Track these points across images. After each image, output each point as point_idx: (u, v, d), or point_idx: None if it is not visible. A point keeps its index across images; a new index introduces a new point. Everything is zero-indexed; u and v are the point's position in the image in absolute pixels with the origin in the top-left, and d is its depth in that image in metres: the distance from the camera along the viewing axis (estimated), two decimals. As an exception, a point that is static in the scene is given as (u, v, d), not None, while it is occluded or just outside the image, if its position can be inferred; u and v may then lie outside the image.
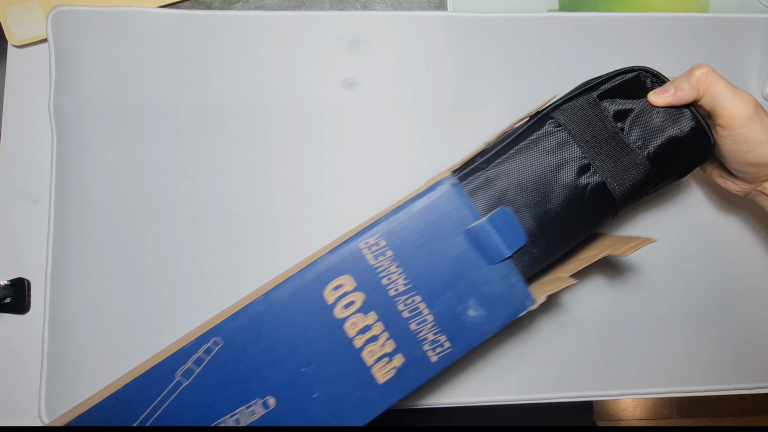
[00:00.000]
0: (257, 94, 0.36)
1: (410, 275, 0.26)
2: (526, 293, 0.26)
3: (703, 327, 0.36)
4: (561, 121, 0.28)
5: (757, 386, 0.36)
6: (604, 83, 0.29)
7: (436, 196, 0.26)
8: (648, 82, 0.29)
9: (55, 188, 0.34)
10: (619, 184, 0.28)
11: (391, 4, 0.38)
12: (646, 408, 1.01)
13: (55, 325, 0.33)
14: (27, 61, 0.36)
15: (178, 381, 0.25)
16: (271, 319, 0.25)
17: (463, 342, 0.26)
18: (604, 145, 0.28)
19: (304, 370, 0.25)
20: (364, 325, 0.26)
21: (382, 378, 0.26)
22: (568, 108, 0.29)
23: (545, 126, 0.28)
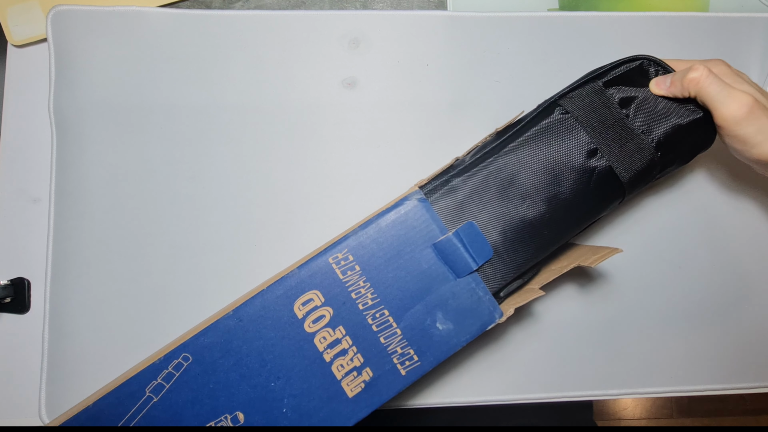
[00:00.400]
0: (257, 94, 0.35)
1: (378, 289, 0.26)
2: (494, 306, 0.27)
3: (703, 326, 0.36)
4: (569, 107, 0.29)
5: (758, 386, 0.36)
6: (609, 72, 0.30)
7: (403, 211, 0.27)
8: (651, 70, 0.30)
9: (55, 188, 0.34)
10: (626, 168, 0.29)
11: (391, 4, 0.38)
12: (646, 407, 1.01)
13: (55, 325, 0.33)
14: (27, 61, 0.36)
15: (148, 397, 0.25)
16: (240, 334, 0.25)
17: (432, 355, 0.26)
18: (610, 130, 0.29)
19: (274, 385, 0.25)
20: (333, 339, 0.26)
21: (351, 392, 0.26)
22: (575, 96, 0.30)
23: (554, 113, 0.29)
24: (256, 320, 0.26)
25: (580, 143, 0.29)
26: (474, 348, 0.34)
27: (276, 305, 0.26)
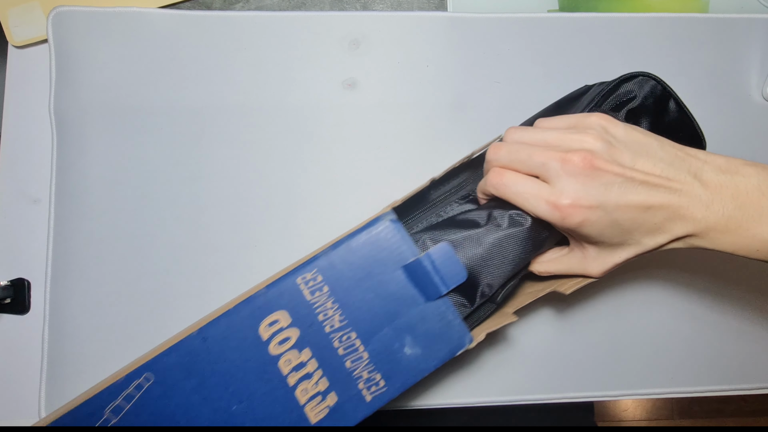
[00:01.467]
0: (257, 95, 0.36)
1: (346, 311, 0.25)
2: (464, 331, 0.26)
3: (703, 327, 0.36)
4: None
5: (758, 387, 0.36)
6: (609, 95, 0.29)
7: (374, 232, 0.26)
8: (648, 84, 0.29)
9: (55, 189, 0.34)
10: None
11: (391, 5, 0.39)
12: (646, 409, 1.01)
13: (54, 326, 0.33)
14: (27, 62, 0.36)
15: (107, 418, 0.24)
16: (204, 355, 0.25)
17: (399, 381, 0.26)
18: None
19: (236, 408, 0.25)
20: (298, 362, 0.25)
21: (314, 417, 0.25)
22: None
23: None
24: (220, 341, 0.25)
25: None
26: (474, 350, 0.34)
27: (241, 326, 0.25)
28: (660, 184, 0.23)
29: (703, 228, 0.24)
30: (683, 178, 0.23)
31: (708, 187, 0.23)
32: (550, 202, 0.24)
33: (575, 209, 0.24)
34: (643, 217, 0.24)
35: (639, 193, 0.23)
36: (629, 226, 0.24)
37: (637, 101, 0.28)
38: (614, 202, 0.23)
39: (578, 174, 0.23)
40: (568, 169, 0.23)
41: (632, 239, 0.25)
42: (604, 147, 0.24)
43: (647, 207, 0.23)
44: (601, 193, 0.23)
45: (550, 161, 0.24)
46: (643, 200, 0.23)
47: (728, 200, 0.23)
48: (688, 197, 0.23)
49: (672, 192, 0.23)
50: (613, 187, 0.23)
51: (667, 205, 0.23)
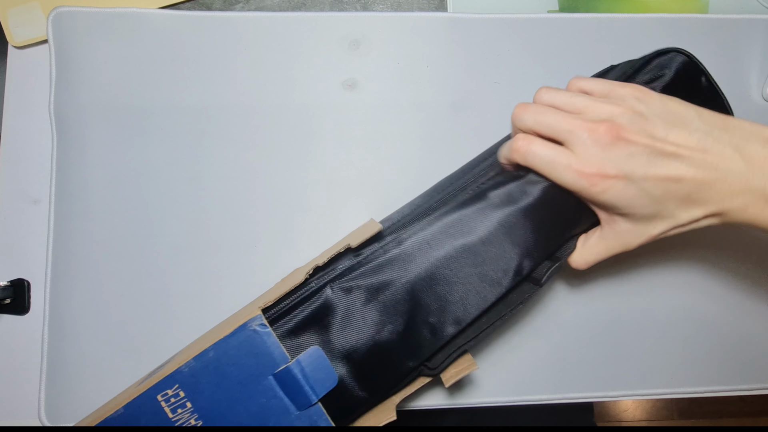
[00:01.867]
0: (258, 95, 0.36)
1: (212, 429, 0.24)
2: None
3: (703, 327, 0.36)
4: None
5: (758, 387, 0.36)
6: (640, 70, 0.28)
7: (240, 340, 0.24)
8: (679, 59, 0.28)
9: (55, 189, 0.34)
10: None
11: (391, 5, 0.39)
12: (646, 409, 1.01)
13: (54, 326, 0.33)
14: (27, 62, 0.36)
15: None
16: None
17: None
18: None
19: None
20: None
21: None
22: None
23: None
24: None
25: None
26: (474, 351, 0.34)
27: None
28: (694, 156, 0.22)
29: (740, 204, 0.23)
30: (721, 149, 0.22)
31: (750, 161, 0.22)
32: (577, 170, 0.23)
33: (600, 178, 0.23)
34: (674, 188, 0.23)
35: (668, 164, 0.23)
36: (660, 196, 0.23)
37: (669, 77, 0.28)
38: (641, 173, 0.23)
39: (604, 143, 0.23)
40: (594, 138, 0.23)
41: (666, 211, 0.24)
42: (634, 118, 0.23)
43: (678, 179, 0.23)
44: (626, 163, 0.23)
45: (578, 129, 0.23)
46: (673, 172, 0.23)
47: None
48: (726, 171, 0.22)
49: (707, 165, 0.22)
50: (640, 158, 0.23)
51: (701, 178, 0.23)
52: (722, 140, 0.23)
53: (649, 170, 0.23)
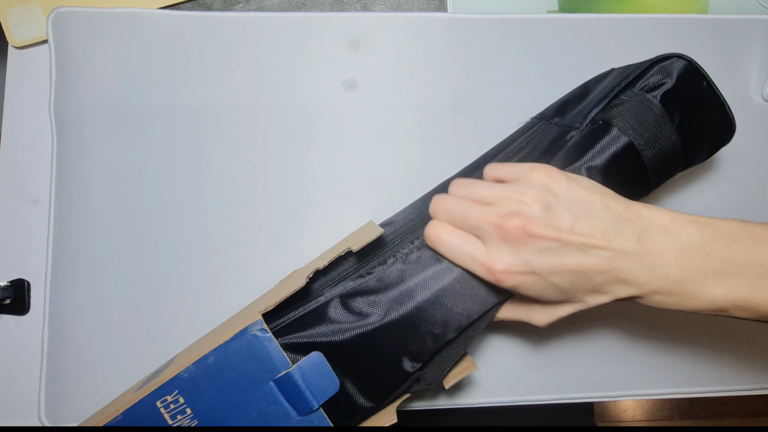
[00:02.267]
0: (257, 95, 0.36)
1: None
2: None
3: (703, 328, 0.36)
4: (621, 125, 0.27)
5: (758, 387, 0.36)
6: (641, 76, 0.28)
7: (239, 345, 0.24)
8: (680, 64, 0.28)
9: (55, 189, 0.34)
10: (661, 172, 0.28)
11: (391, 5, 0.39)
12: (646, 409, 1.01)
13: (54, 326, 0.33)
14: (27, 62, 0.36)
15: None
16: None
17: None
18: (652, 129, 0.27)
19: None
20: None
21: None
22: (625, 109, 0.27)
23: (611, 131, 0.26)
24: None
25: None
26: (474, 351, 0.34)
27: None
28: (599, 246, 0.23)
29: (647, 291, 0.24)
30: (624, 241, 0.23)
31: (651, 251, 0.23)
32: (484, 266, 0.24)
33: (508, 275, 0.24)
34: (581, 279, 0.24)
35: (575, 256, 0.23)
36: (569, 288, 0.24)
37: (670, 84, 0.27)
38: (549, 268, 0.23)
39: (511, 240, 0.23)
40: (502, 234, 0.23)
41: (575, 297, 0.25)
42: (542, 210, 0.23)
43: (584, 271, 0.23)
44: (535, 259, 0.23)
45: (486, 225, 0.24)
46: (579, 264, 0.23)
47: (671, 263, 0.23)
48: (630, 261, 0.23)
49: (612, 256, 0.23)
50: (548, 253, 0.23)
51: (607, 269, 0.23)
52: (625, 232, 0.23)
53: (555, 264, 0.23)
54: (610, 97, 0.28)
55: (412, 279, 0.26)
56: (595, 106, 0.28)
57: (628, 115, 0.27)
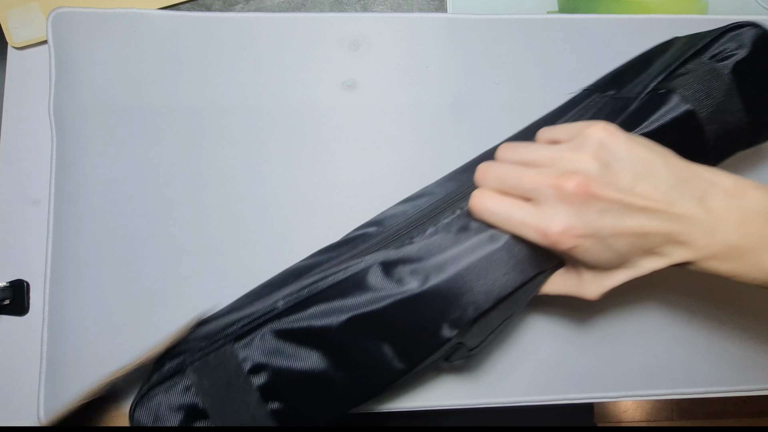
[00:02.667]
0: (257, 96, 0.36)
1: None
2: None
3: (703, 328, 0.36)
4: (685, 93, 0.25)
5: (758, 388, 0.36)
6: (712, 44, 0.26)
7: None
8: (754, 33, 0.26)
9: (54, 189, 0.34)
10: (723, 148, 0.26)
11: (391, 6, 0.39)
12: (646, 410, 1.01)
13: (54, 327, 0.33)
14: (27, 63, 0.36)
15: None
16: None
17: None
18: (719, 100, 0.25)
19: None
20: None
21: None
22: (691, 79, 0.25)
23: (672, 99, 0.25)
24: None
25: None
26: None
27: None
28: (660, 209, 0.22)
29: (703, 256, 0.23)
30: (687, 203, 0.22)
31: (712, 214, 0.22)
32: (539, 230, 0.23)
33: (567, 237, 0.22)
34: (640, 242, 0.23)
35: (636, 218, 0.22)
36: (626, 251, 0.23)
37: (743, 54, 0.26)
38: (609, 229, 0.22)
39: (571, 201, 0.22)
40: (561, 195, 0.22)
41: (630, 262, 0.24)
42: (600, 168, 0.22)
43: (645, 233, 0.23)
44: (596, 220, 0.22)
45: (542, 186, 0.23)
46: (641, 226, 0.22)
47: (733, 228, 0.22)
48: (691, 224, 0.22)
49: (673, 218, 0.22)
50: (609, 214, 0.22)
51: (667, 231, 0.23)
52: (687, 193, 0.23)
53: (616, 226, 0.22)
54: (674, 66, 0.26)
55: (453, 248, 0.25)
56: (657, 76, 0.26)
57: (694, 85, 0.25)
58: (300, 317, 0.26)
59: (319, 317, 0.26)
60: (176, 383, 0.26)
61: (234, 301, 0.31)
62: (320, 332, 0.26)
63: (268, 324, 0.26)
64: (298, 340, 0.26)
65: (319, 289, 0.26)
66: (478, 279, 0.25)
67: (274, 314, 0.26)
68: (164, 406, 0.26)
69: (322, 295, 0.26)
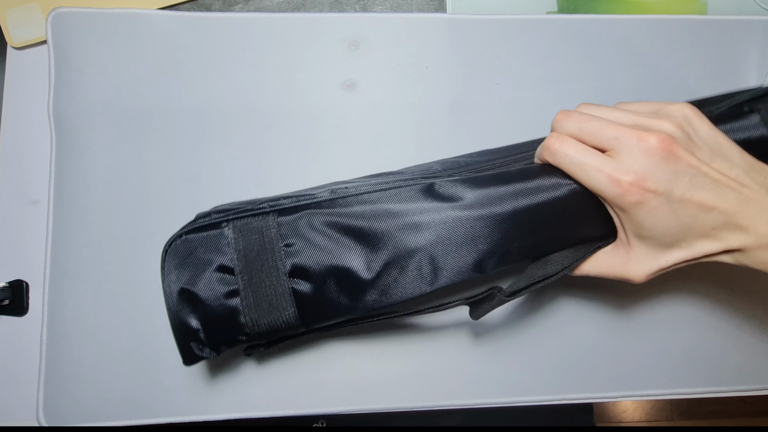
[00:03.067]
0: (257, 96, 0.36)
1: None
2: None
3: (702, 328, 0.36)
4: (766, 116, 0.25)
5: (757, 388, 0.36)
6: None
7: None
8: None
9: (54, 190, 0.34)
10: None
11: (391, 6, 0.39)
12: (645, 410, 1.01)
13: (53, 328, 0.33)
14: (26, 63, 0.36)
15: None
16: None
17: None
18: None
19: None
20: None
21: None
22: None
23: (751, 118, 0.26)
24: None
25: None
26: (471, 351, 0.34)
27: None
28: (732, 186, 0.22)
29: (760, 244, 0.23)
30: (756, 188, 0.23)
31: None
32: (611, 177, 0.22)
33: (637, 189, 0.22)
34: (703, 216, 0.23)
35: (709, 189, 0.22)
36: (687, 223, 0.23)
37: None
38: (681, 193, 0.22)
39: (652, 154, 0.22)
40: (643, 147, 0.22)
41: (685, 241, 0.24)
42: (684, 136, 0.23)
43: (712, 207, 0.23)
44: (670, 180, 0.22)
45: (626, 135, 0.23)
46: (711, 198, 0.22)
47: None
48: (756, 207, 0.22)
49: (741, 198, 0.23)
50: (684, 178, 0.22)
51: (733, 210, 0.22)
52: (758, 180, 0.23)
53: (687, 192, 0.22)
54: (762, 92, 0.27)
55: (515, 184, 0.26)
56: (739, 95, 0.27)
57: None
58: (349, 212, 0.27)
59: (367, 218, 0.26)
60: (216, 235, 0.27)
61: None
62: (366, 232, 0.26)
63: (315, 208, 0.27)
64: (343, 231, 0.26)
65: (382, 188, 0.27)
66: (527, 224, 0.26)
67: (323, 200, 0.27)
68: (199, 250, 0.27)
69: (380, 196, 0.27)
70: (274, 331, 0.27)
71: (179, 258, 0.27)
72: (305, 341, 0.34)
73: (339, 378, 0.34)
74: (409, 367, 0.34)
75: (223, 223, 0.27)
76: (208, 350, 0.27)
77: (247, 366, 0.33)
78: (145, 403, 0.33)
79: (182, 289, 0.26)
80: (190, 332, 0.27)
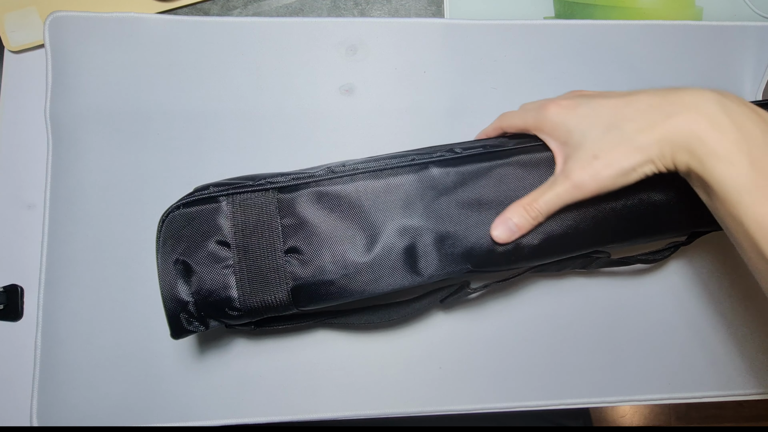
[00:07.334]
0: (255, 100, 0.36)
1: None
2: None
3: (700, 333, 0.36)
4: None
5: (755, 392, 0.36)
6: None
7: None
8: None
9: (50, 194, 0.34)
10: None
11: (389, 11, 0.39)
12: (644, 414, 1.00)
13: (47, 333, 0.33)
14: (24, 67, 0.36)
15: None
16: None
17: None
18: None
19: None
20: None
21: None
22: None
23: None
24: None
25: None
26: (471, 356, 0.34)
27: None
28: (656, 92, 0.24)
29: (716, 151, 0.20)
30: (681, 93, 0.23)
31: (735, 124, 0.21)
32: (534, 108, 0.27)
33: (552, 102, 0.27)
34: (627, 110, 0.23)
35: (625, 95, 0.25)
36: (613, 120, 0.23)
37: None
38: (596, 102, 0.25)
39: (567, 96, 0.27)
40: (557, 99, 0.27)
41: (622, 135, 0.23)
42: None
43: (633, 101, 0.24)
44: (580, 96, 0.26)
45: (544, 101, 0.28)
46: (629, 96, 0.24)
47: (761, 146, 0.20)
48: (685, 98, 0.22)
49: (664, 93, 0.23)
50: (596, 96, 0.26)
51: (658, 102, 0.22)
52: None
53: (603, 100, 0.25)
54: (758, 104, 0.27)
55: (496, 161, 0.28)
56: None
57: None
58: (350, 188, 0.27)
59: (367, 194, 0.27)
60: (215, 209, 0.27)
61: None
62: (361, 209, 0.26)
63: (315, 186, 0.27)
64: (340, 211, 0.26)
65: (376, 167, 0.27)
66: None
67: (324, 178, 0.27)
68: (196, 223, 0.26)
69: (374, 173, 0.27)
70: (266, 308, 0.26)
71: (175, 229, 0.27)
72: (301, 346, 0.34)
73: (336, 383, 0.33)
74: (407, 372, 0.34)
75: (221, 197, 0.27)
76: (197, 323, 0.27)
77: (243, 372, 0.33)
78: (140, 409, 0.32)
79: (177, 260, 0.26)
80: (181, 303, 0.26)
